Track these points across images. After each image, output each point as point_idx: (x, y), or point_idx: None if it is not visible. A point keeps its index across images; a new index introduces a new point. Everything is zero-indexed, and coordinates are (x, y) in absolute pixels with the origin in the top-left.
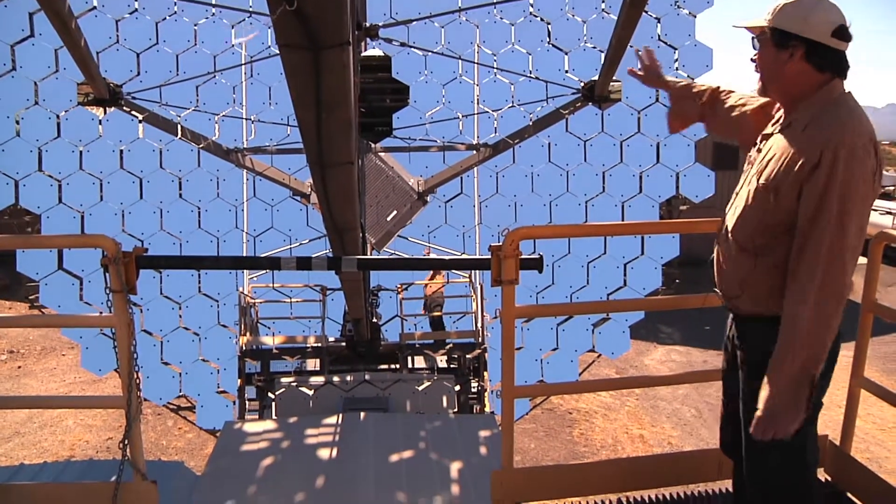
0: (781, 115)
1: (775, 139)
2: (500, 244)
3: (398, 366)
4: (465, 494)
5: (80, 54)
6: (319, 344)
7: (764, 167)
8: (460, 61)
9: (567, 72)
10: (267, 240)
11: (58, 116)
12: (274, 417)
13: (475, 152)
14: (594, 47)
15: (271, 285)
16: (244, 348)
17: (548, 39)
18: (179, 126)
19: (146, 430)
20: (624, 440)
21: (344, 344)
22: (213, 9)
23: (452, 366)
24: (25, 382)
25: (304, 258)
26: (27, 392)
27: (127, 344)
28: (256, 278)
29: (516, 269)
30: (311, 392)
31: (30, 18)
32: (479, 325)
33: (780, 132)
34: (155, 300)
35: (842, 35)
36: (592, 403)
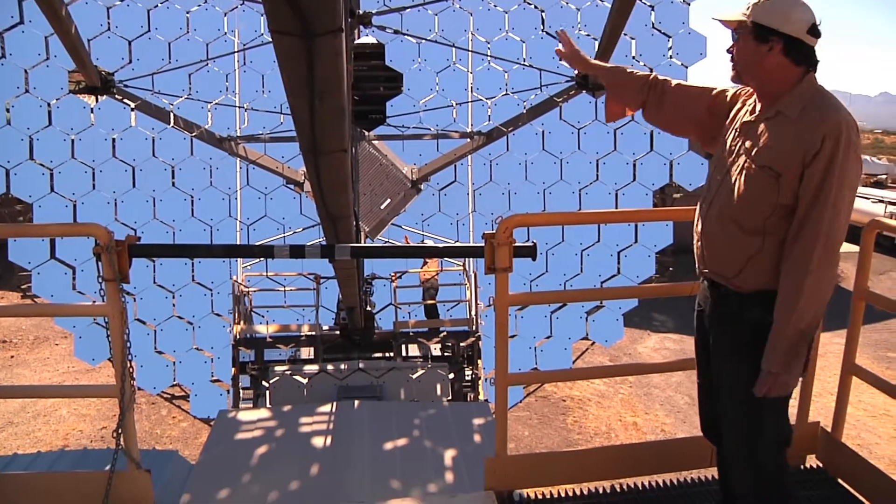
0: (755, 105)
1: (766, 126)
2: (494, 232)
3: (392, 354)
4: (459, 482)
5: (71, 42)
6: (313, 332)
7: (759, 153)
8: (454, 49)
9: (561, 59)
10: (260, 228)
11: (49, 105)
12: (268, 406)
13: (469, 140)
14: (588, 35)
15: (265, 274)
16: (238, 337)
17: (542, 27)
18: (172, 114)
19: (140, 420)
20: (617, 427)
21: (338, 332)
22: None
23: (446, 354)
24: (18, 372)
25: (298, 246)
26: (20, 382)
27: (120, 333)
28: (250, 267)
29: (510, 257)
30: (306, 380)
31: (19, 5)
32: (473, 313)
33: (769, 120)
34: (148, 289)
35: (815, 32)
36: (586, 391)
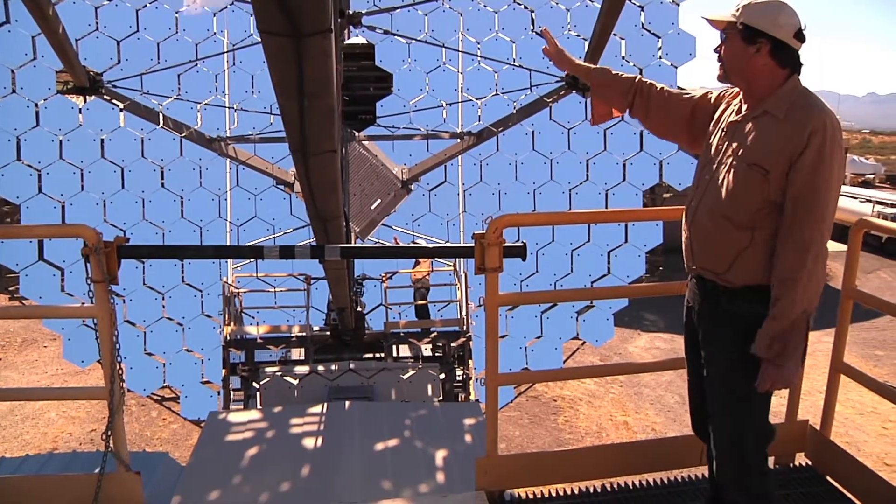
0: (741, 105)
1: (753, 125)
2: (484, 232)
3: (383, 354)
4: (450, 482)
5: (59, 41)
6: (304, 333)
7: (746, 151)
8: (444, 49)
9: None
10: (250, 229)
11: (36, 105)
12: (259, 407)
13: (459, 140)
14: (578, 35)
15: (255, 275)
16: (228, 338)
17: (531, 27)
18: (161, 115)
19: (130, 422)
20: (608, 427)
21: (328, 333)
22: None
23: (437, 354)
24: (6, 375)
25: (288, 247)
26: (8, 384)
27: (109, 334)
28: (240, 268)
29: (500, 257)
30: (296, 381)
31: (5, 4)
32: (464, 314)
33: (756, 119)
34: (138, 290)
35: (800, 37)
36: (577, 391)
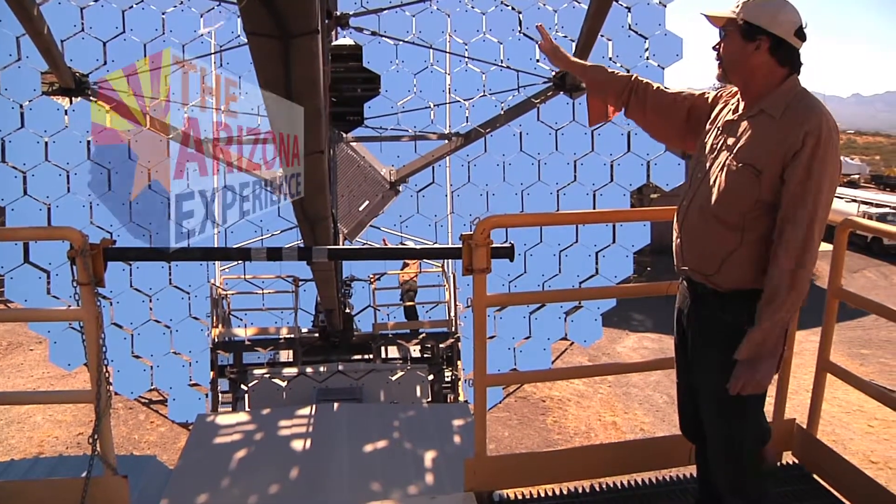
0: (738, 105)
1: (748, 125)
2: (471, 233)
3: (371, 356)
4: (439, 483)
5: (44, 42)
6: (292, 335)
7: (740, 150)
8: (431, 50)
9: (538, 61)
10: (238, 231)
11: (21, 106)
12: (247, 409)
13: (447, 141)
14: (565, 36)
15: (243, 276)
16: (216, 340)
17: (519, 28)
18: (148, 116)
19: (117, 425)
20: (597, 427)
21: (317, 335)
22: None
23: (426, 355)
24: None
25: (275, 249)
26: None
27: (95, 337)
28: (228, 270)
29: (487, 258)
30: (285, 383)
31: None
32: (452, 315)
33: (752, 118)
34: (125, 293)
35: (801, 35)
36: (565, 391)
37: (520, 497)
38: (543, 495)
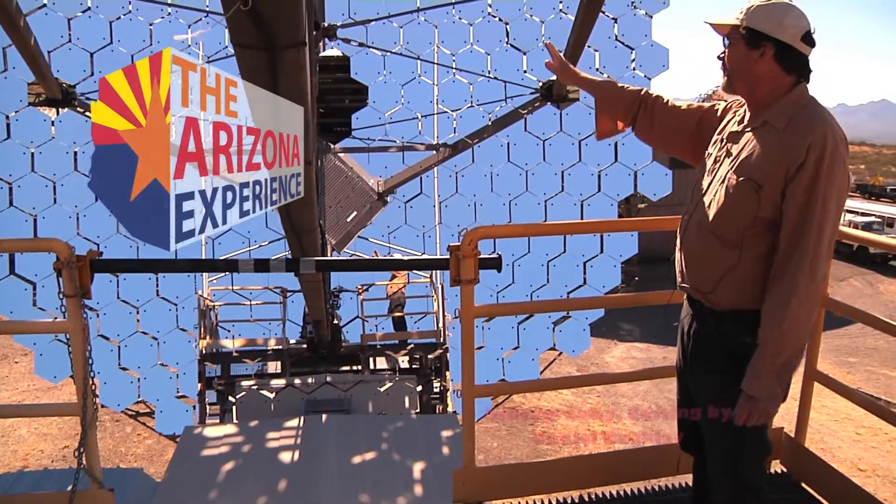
0: (745, 115)
1: (751, 137)
2: (459, 244)
3: (360, 367)
4: (428, 494)
5: (30, 53)
6: (280, 346)
7: (741, 163)
8: (419, 61)
9: (525, 72)
10: (226, 242)
11: (7, 117)
12: (235, 421)
13: (435, 152)
14: None
15: (231, 288)
16: (204, 352)
17: (506, 40)
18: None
19: (104, 437)
20: (586, 437)
21: (305, 346)
22: (169, 8)
23: (414, 366)
24: None
25: (263, 260)
26: None
27: (82, 349)
28: (216, 281)
29: (475, 269)
30: (273, 395)
31: None
32: (441, 325)
33: (755, 130)
34: (112, 304)
35: (808, 41)
36: (554, 401)
37: None
38: None
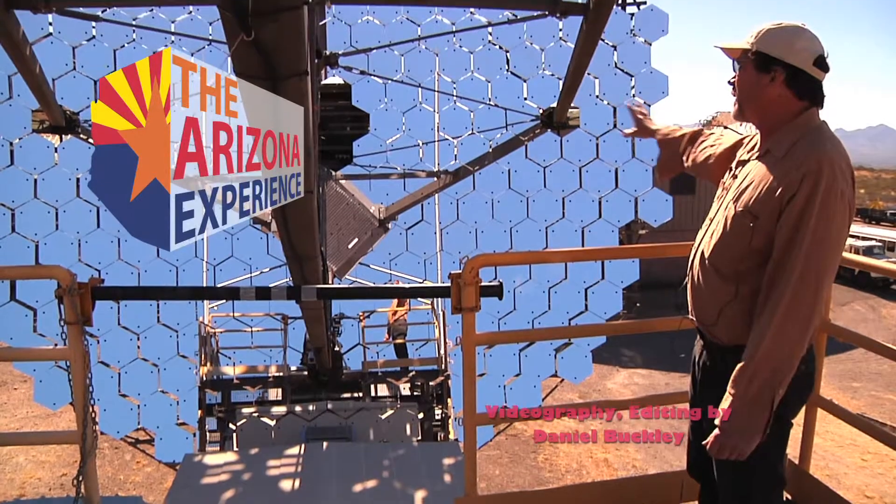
0: (758, 143)
1: (753, 165)
2: (460, 272)
3: (361, 394)
4: None
5: (35, 81)
6: (281, 373)
7: (741, 193)
8: (420, 89)
9: (526, 99)
10: (227, 268)
11: (11, 144)
12: (235, 449)
13: (435, 179)
14: (552, 75)
15: (232, 314)
16: (204, 379)
17: (506, 67)
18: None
19: (103, 465)
20: (588, 464)
21: (306, 373)
22: (173, 37)
23: (416, 393)
24: None
25: (264, 288)
26: None
27: (82, 376)
28: (217, 307)
29: (476, 297)
30: (273, 422)
31: None
32: (442, 352)
33: (759, 159)
34: (112, 331)
35: (821, 65)
36: (556, 428)
37: None
38: None
